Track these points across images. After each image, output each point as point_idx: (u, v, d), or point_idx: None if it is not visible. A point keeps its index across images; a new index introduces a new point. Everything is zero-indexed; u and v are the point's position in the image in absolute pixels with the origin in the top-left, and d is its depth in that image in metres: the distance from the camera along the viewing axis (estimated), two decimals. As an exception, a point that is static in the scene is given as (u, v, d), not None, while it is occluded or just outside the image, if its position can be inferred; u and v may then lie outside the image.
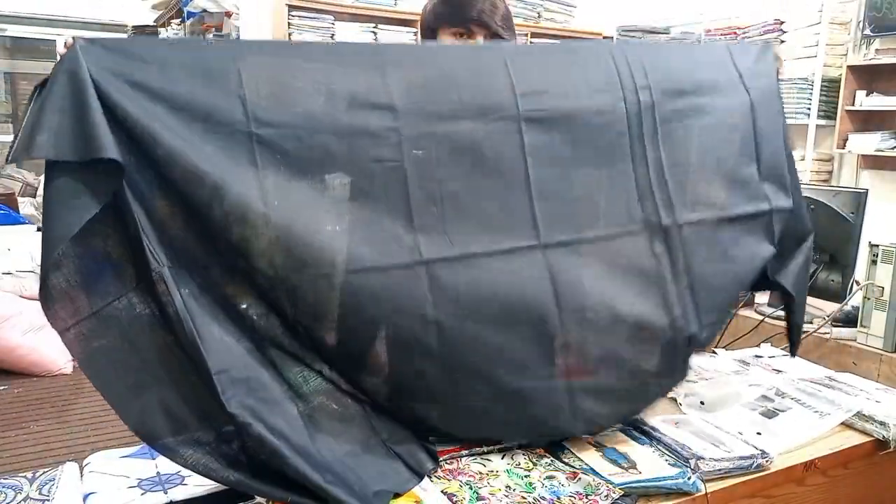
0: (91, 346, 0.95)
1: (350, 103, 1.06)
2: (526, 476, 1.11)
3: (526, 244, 1.14)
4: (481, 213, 1.13)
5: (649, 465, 1.16)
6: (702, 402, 1.39)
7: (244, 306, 1.03)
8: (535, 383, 1.15)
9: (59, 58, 0.92)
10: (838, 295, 2.13)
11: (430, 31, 1.56)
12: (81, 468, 1.15)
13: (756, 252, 1.32)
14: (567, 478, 1.11)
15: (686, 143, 1.28)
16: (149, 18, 6.59)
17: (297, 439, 1.00)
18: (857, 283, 2.05)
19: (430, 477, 1.10)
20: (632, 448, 1.22)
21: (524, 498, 1.05)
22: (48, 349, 3.40)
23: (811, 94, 3.78)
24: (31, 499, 1.05)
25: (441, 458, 1.14)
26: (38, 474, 1.12)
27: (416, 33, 4.21)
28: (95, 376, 0.96)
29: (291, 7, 3.91)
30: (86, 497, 1.06)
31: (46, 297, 0.92)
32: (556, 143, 1.19)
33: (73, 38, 0.93)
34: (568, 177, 1.19)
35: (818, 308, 2.24)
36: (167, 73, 0.96)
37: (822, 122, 3.79)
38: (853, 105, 3.65)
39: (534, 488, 1.08)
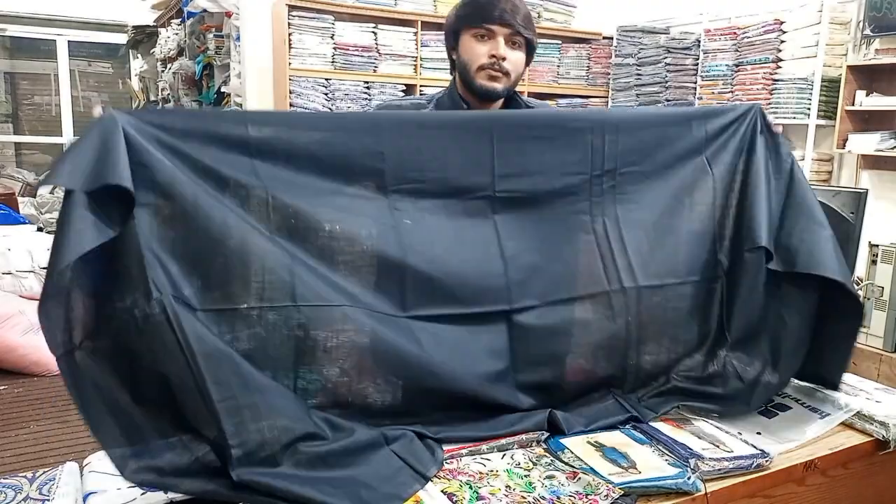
0: (86, 371, 1.01)
1: (349, 175, 1.19)
2: (526, 476, 1.12)
3: (495, 309, 1.27)
4: (460, 276, 1.26)
5: (649, 464, 1.16)
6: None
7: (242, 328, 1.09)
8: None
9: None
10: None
11: (453, 34, 1.58)
12: (81, 468, 1.15)
13: (701, 314, 1.44)
14: (567, 477, 1.11)
15: (644, 220, 1.40)
16: (149, 18, 6.60)
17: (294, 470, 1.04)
18: (858, 282, 2.05)
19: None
20: (632, 448, 1.22)
21: (524, 497, 1.05)
22: (48, 349, 3.40)
23: (811, 94, 3.78)
24: (31, 499, 1.05)
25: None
26: (38, 474, 1.12)
27: (415, 33, 4.21)
28: (83, 401, 1.01)
29: (291, 7, 3.91)
30: (86, 497, 1.06)
31: (47, 316, 0.97)
32: (524, 220, 1.32)
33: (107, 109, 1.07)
34: (536, 249, 1.32)
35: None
36: (190, 139, 1.07)
37: (822, 122, 3.79)
38: (853, 105, 3.65)
39: (534, 488, 1.08)
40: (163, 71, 6.12)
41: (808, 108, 3.80)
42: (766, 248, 1.36)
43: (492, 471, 1.13)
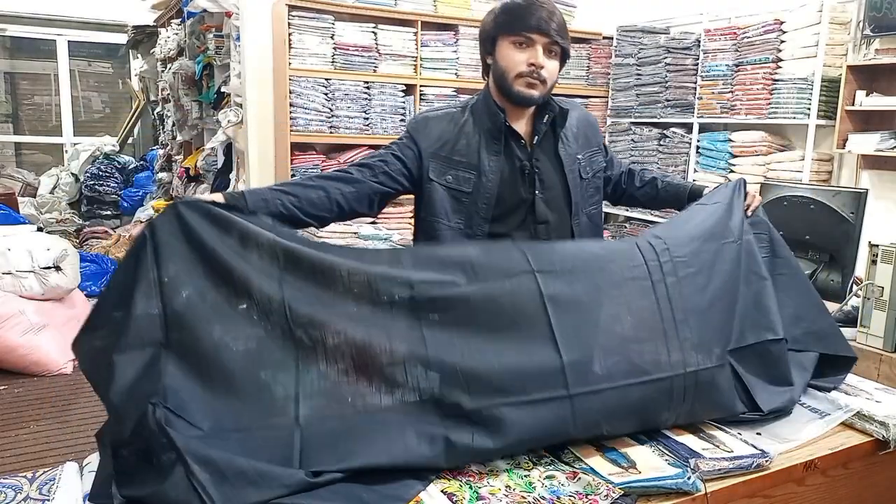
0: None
1: (375, 291, 1.16)
2: (526, 476, 1.12)
3: (555, 395, 1.15)
4: (503, 364, 1.15)
5: (649, 464, 1.16)
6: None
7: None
8: None
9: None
10: (838, 295, 2.13)
11: (489, 40, 1.57)
12: (81, 468, 1.15)
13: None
14: (567, 477, 1.11)
15: (695, 294, 1.33)
16: (149, 18, 6.60)
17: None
18: (858, 282, 2.05)
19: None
20: (632, 448, 1.22)
21: (524, 497, 1.05)
22: (48, 349, 3.40)
23: (811, 94, 3.77)
24: (31, 499, 1.05)
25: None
26: (38, 474, 1.12)
27: (415, 33, 4.21)
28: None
29: (291, 7, 3.91)
30: (86, 497, 1.06)
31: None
32: (575, 288, 1.23)
33: (151, 221, 1.11)
34: (590, 321, 1.21)
35: (818, 308, 2.23)
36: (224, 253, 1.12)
37: (822, 122, 3.78)
38: (853, 105, 3.65)
39: (534, 488, 1.08)
40: (163, 71, 6.12)
41: (808, 108, 3.80)
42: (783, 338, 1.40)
43: (492, 471, 1.13)
